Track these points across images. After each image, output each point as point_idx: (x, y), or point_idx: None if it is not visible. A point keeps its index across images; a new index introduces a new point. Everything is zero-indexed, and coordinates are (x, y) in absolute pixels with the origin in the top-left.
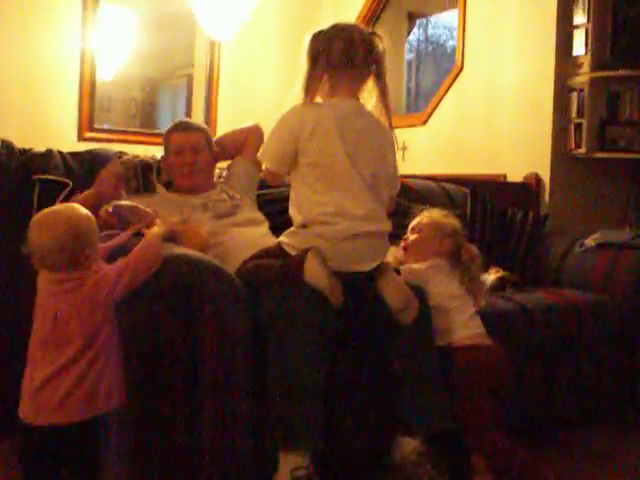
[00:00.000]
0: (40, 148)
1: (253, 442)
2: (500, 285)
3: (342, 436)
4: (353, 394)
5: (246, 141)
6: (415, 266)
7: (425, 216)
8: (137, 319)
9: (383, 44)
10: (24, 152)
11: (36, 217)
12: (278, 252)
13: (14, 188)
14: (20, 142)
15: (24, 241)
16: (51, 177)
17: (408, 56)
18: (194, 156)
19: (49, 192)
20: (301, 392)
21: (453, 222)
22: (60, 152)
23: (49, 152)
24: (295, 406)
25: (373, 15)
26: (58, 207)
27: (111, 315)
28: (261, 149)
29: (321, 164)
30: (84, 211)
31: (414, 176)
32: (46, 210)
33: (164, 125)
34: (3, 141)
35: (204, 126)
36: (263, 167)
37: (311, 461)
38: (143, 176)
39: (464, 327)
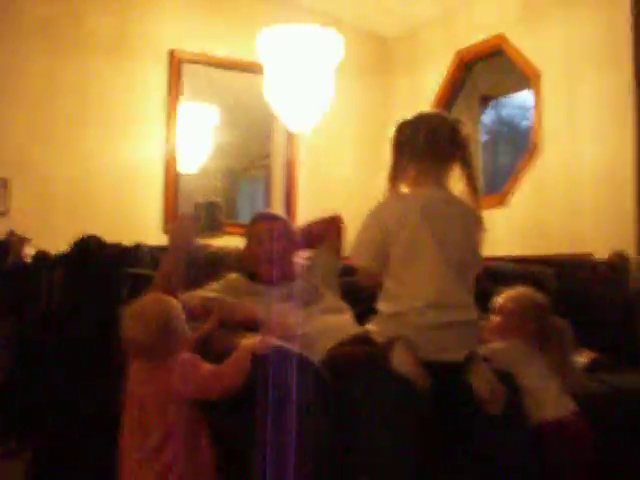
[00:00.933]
0: (129, 242)
1: None
2: (592, 367)
3: None
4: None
5: (327, 230)
6: (497, 346)
7: (508, 297)
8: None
9: (466, 129)
10: (113, 246)
11: (128, 309)
12: (365, 339)
13: (105, 281)
14: (109, 237)
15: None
16: (140, 271)
17: (483, 138)
18: (275, 244)
19: (138, 287)
20: (396, 476)
21: (537, 299)
22: (147, 246)
23: (137, 246)
24: None
25: (448, 99)
26: (147, 298)
27: (196, 413)
28: (352, 248)
29: (410, 255)
30: (171, 300)
31: (495, 258)
32: (137, 302)
33: (244, 215)
34: (94, 236)
35: (284, 216)
36: (357, 268)
37: None
38: (210, 214)
39: (553, 406)
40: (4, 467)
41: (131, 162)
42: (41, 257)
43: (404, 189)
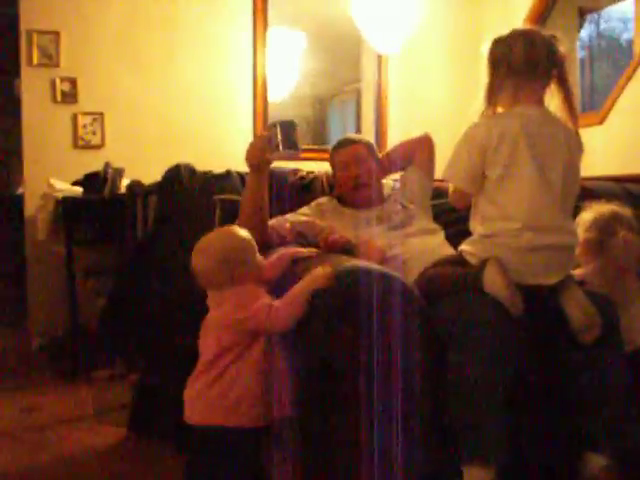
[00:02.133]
0: (219, 170)
1: (434, 455)
2: None
3: (528, 451)
4: (538, 408)
5: (417, 151)
6: (586, 270)
7: (599, 213)
8: (315, 332)
9: (563, 45)
10: (205, 174)
11: (197, 244)
12: (458, 260)
13: (197, 208)
14: (200, 165)
15: None
16: (231, 197)
17: (580, 54)
18: (358, 169)
19: (229, 212)
20: (484, 404)
21: (626, 215)
22: (238, 173)
23: (227, 173)
24: (478, 418)
25: (542, 14)
26: (214, 232)
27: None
28: (446, 168)
29: (508, 176)
30: (239, 233)
31: (593, 178)
32: (205, 236)
33: (334, 141)
34: (185, 165)
35: (366, 138)
36: (450, 188)
37: (496, 477)
38: (285, 134)
39: None
40: (111, 390)
41: (220, 91)
42: (135, 187)
43: (501, 108)
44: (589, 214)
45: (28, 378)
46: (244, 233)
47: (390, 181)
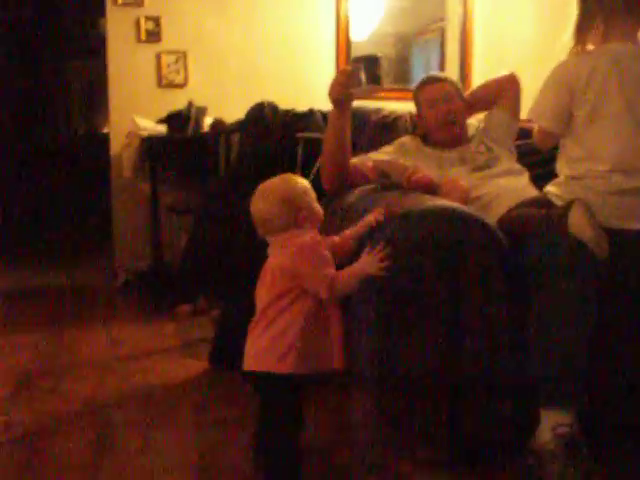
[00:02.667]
0: (302, 108)
1: (515, 397)
2: None
3: (608, 396)
4: (619, 353)
5: (502, 91)
6: None
7: None
8: (398, 269)
9: None
10: (287, 112)
11: (257, 189)
12: (543, 202)
13: (279, 146)
14: (283, 104)
15: None
16: (313, 135)
17: None
18: (447, 106)
19: (312, 149)
20: (565, 346)
21: None
22: (320, 111)
23: (310, 112)
24: (559, 361)
25: None
26: (273, 179)
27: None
28: (532, 108)
29: (596, 115)
30: (298, 178)
31: None
32: (263, 183)
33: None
34: (268, 103)
35: (451, 77)
36: (535, 128)
37: (575, 420)
38: (368, 68)
39: None
40: (193, 325)
41: (303, 30)
42: (218, 125)
43: (590, 45)
44: None
45: (113, 312)
46: (303, 179)
47: (474, 121)
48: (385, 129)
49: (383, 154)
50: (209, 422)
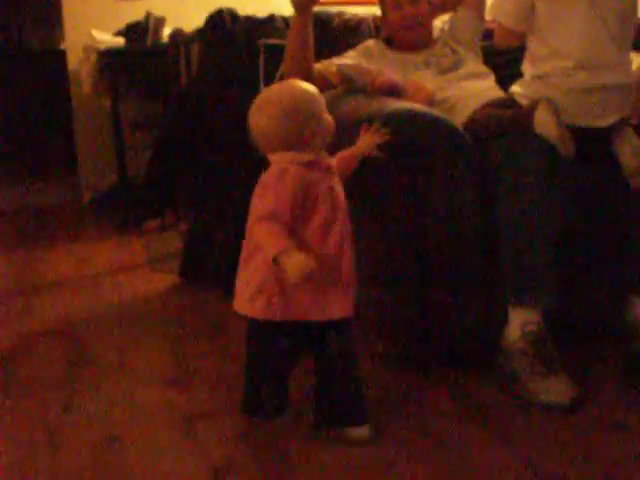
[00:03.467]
0: (262, 14)
1: (484, 297)
2: None
3: (574, 295)
4: (586, 252)
5: None
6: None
7: None
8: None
9: None
10: (248, 19)
11: (254, 101)
12: (508, 102)
13: (241, 54)
14: (243, 9)
15: None
16: (275, 41)
17: None
18: (413, 8)
19: (274, 57)
20: (532, 245)
21: None
22: (282, 17)
23: (271, 17)
24: (526, 262)
25: None
26: (275, 86)
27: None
28: (493, 5)
29: (561, 12)
30: (305, 85)
31: None
32: (264, 92)
33: None
34: (228, 9)
35: None
36: (496, 28)
37: (543, 318)
38: None
39: None
40: (162, 239)
41: None
42: (177, 35)
43: None
44: None
45: (81, 230)
46: (310, 86)
47: (439, 23)
48: (348, 33)
49: (347, 58)
50: (182, 334)
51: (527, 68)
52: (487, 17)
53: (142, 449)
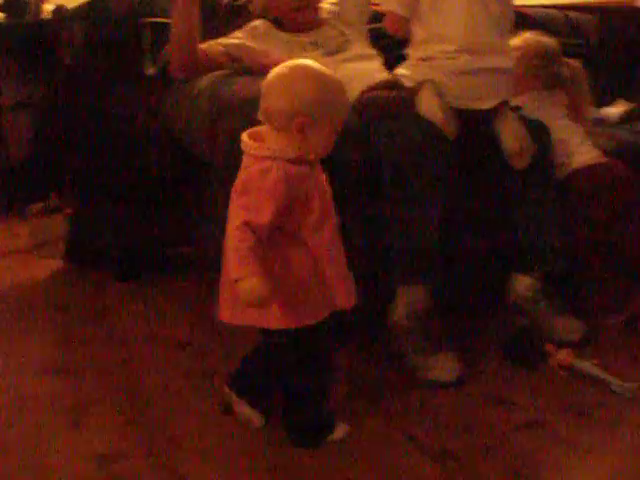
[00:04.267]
0: None
1: (370, 275)
2: (627, 118)
3: (459, 273)
4: (471, 231)
5: None
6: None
7: (514, 46)
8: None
9: None
10: None
11: (274, 77)
12: (393, 84)
13: (125, 32)
14: None
15: None
16: (160, 20)
17: None
18: None
19: (158, 35)
20: (418, 225)
21: (543, 43)
22: None
23: None
24: (412, 241)
25: None
26: (287, 65)
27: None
28: None
29: None
30: (317, 74)
31: (535, 6)
32: (284, 70)
33: None
34: None
35: None
36: (387, 16)
37: (429, 296)
38: None
39: (580, 152)
40: (45, 223)
41: None
42: (59, 12)
43: None
44: (538, 39)
45: None
46: (327, 70)
47: (327, 5)
48: (236, 13)
49: (234, 39)
50: (67, 321)
51: (411, 51)
52: (379, 3)
53: (26, 441)
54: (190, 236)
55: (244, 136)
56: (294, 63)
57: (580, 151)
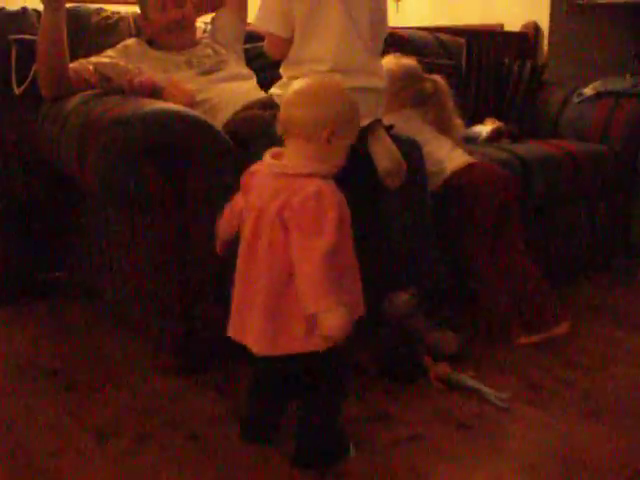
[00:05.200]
0: (13, 7)
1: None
2: (496, 136)
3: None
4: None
5: None
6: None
7: (394, 65)
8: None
9: None
10: None
11: (300, 89)
12: (267, 103)
13: None
14: None
15: None
16: (28, 37)
17: None
18: (179, 11)
19: (27, 53)
20: None
21: (405, 65)
22: (36, 10)
23: (24, 10)
24: None
25: None
26: (324, 81)
27: None
28: (258, 17)
29: (313, 14)
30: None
31: (407, 28)
32: (310, 83)
33: None
34: None
35: None
36: (267, 38)
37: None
38: None
39: (452, 158)
40: None
41: None
42: None
43: None
44: (398, 61)
45: None
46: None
47: (201, 23)
48: (107, 32)
49: (105, 58)
50: None
51: (285, 70)
52: (257, 26)
53: None
54: (65, 261)
55: (268, 159)
56: (319, 77)
57: (452, 157)
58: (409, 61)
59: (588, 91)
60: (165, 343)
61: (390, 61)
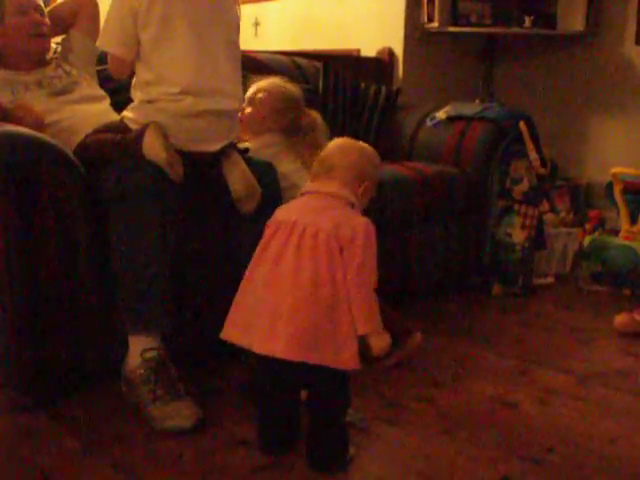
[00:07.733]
0: None
1: (103, 327)
2: None
3: (191, 318)
4: (199, 274)
5: (79, 12)
6: (249, 145)
7: (259, 87)
8: None
9: None
10: None
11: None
12: (119, 126)
13: None
14: None
15: None
16: None
17: None
18: (42, 17)
19: None
20: (145, 269)
21: (289, 90)
22: None
23: None
24: (141, 288)
25: None
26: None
27: None
28: (100, 37)
29: (162, 38)
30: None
31: (263, 51)
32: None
33: None
34: None
35: None
36: (109, 58)
37: (162, 343)
38: None
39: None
40: None
41: None
42: None
43: None
44: (262, 88)
45: None
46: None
47: (52, 44)
48: None
49: None
50: None
51: (136, 93)
52: (98, 46)
53: None
54: None
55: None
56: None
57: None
58: (295, 89)
59: (440, 115)
60: (13, 379)
61: (277, 82)
